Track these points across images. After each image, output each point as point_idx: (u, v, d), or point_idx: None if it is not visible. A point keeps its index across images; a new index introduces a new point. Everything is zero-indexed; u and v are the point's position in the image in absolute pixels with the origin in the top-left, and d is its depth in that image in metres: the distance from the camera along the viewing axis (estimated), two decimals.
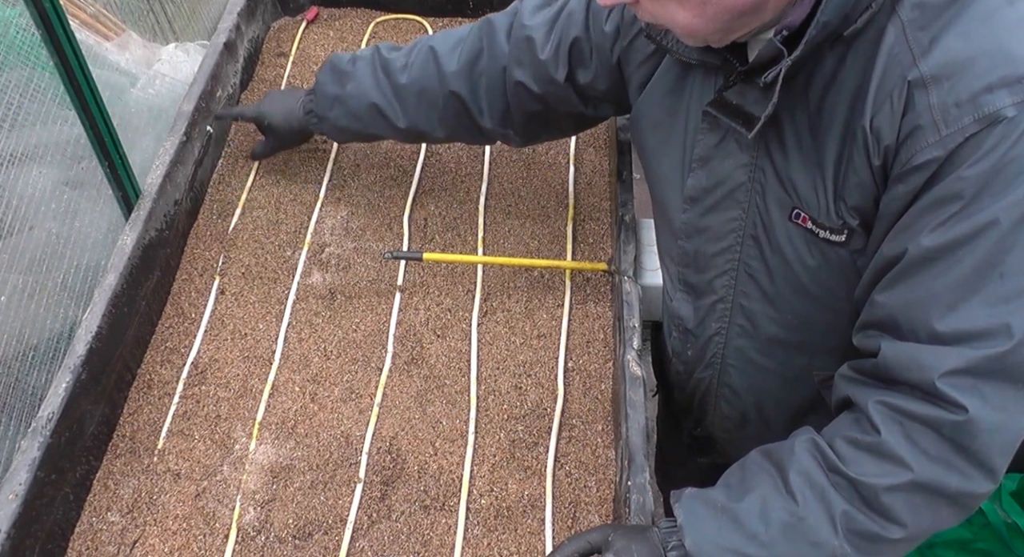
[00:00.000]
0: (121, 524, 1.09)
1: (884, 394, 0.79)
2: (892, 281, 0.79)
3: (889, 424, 0.78)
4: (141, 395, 1.22)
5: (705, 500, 0.86)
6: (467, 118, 1.23)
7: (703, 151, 0.93)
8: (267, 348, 1.26)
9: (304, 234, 1.40)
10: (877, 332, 0.82)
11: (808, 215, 0.86)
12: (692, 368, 1.12)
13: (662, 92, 0.99)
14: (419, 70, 1.22)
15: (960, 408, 0.74)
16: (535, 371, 1.23)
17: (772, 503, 0.81)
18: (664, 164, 1.01)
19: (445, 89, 1.21)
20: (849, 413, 0.84)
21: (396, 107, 1.25)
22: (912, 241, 0.76)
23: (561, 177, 1.48)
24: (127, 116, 1.41)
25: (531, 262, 1.32)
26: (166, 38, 1.70)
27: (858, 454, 0.79)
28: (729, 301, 1.00)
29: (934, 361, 0.75)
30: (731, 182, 0.92)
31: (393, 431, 1.17)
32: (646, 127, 1.03)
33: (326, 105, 1.31)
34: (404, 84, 1.24)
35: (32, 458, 1.01)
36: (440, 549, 1.06)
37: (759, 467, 0.86)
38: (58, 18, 1.09)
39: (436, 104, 1.23)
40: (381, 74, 1.26)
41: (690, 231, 1.00)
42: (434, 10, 1.78)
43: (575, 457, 1.14)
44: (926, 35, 0.74)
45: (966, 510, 0.80)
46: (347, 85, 1.28)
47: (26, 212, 1.15)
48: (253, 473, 1.13)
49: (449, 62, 1.20)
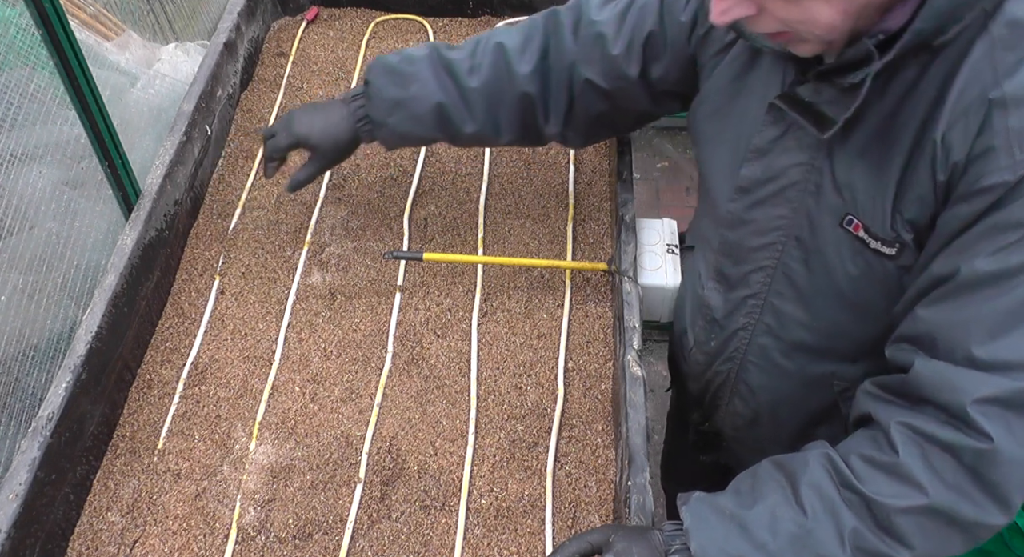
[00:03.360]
0: (121, 524, 1.09)
1: (908, 415, 0.78)
2: (938, 299, 0.78)
3: (909, 446, 0.77)
4: (141, 395, 1.22)
5: (713, 505, 0.85)
6: (532, 120, 1.18)
7: (762, 143, 0.92)
8: (267, 348, 1.26)
9: (304, 234, 1.40)
10: (912, 347, 0.81)
11: (862, 223, 0.85)
12: (712, 359, 1.11)
13: (727, 79, 0.98)
14: (490, 71, 1.15)
15: (985, 436, 0.73)
16: (535, 371, 1.23)
17: (782, 514, 0.80)
18: (719, 151, 1.00)
19: (516, 91, 1.15)
20: (867, 430, 0.83)
21: (464, 111, 1.17)
22: (966, 263, 0.75)
23: (561, 177, 1.48)
24: (127, 116, 1.41)
25: (531, 262, 1.32)
26: (166, 38, 1.71)
27: (874, 473, 0.78)
28: (762, 298, 0.99)
29: (968, 385, 0.74)
30: (785, 179, 0.91)
31: (393, 431, 1.17)
32: (706, 112, 1.02)
33: (385, 110, 1.20)
34: (475, 88, 1.16)
35: (32, 458, 1.01)
36: (440, 549, 1.06)
37: (770, 476, 0.85)
38: (58, 18, 1.09)
39: (505, 107, 1.17)
40: (445, 76, 1.17)
41: (735, 222, 0.99)
42: (434, 10, 1.78)
43: (575, 457, 1.14)
44: (1014, 55, 0.73)
45: (976, 540, 0.79)
46: (410, 87, 1.17)
47: (26, 212, 1.15)
48: (253, 473, 1.13)
49: (521, 63, 1.14)
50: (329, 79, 1.66)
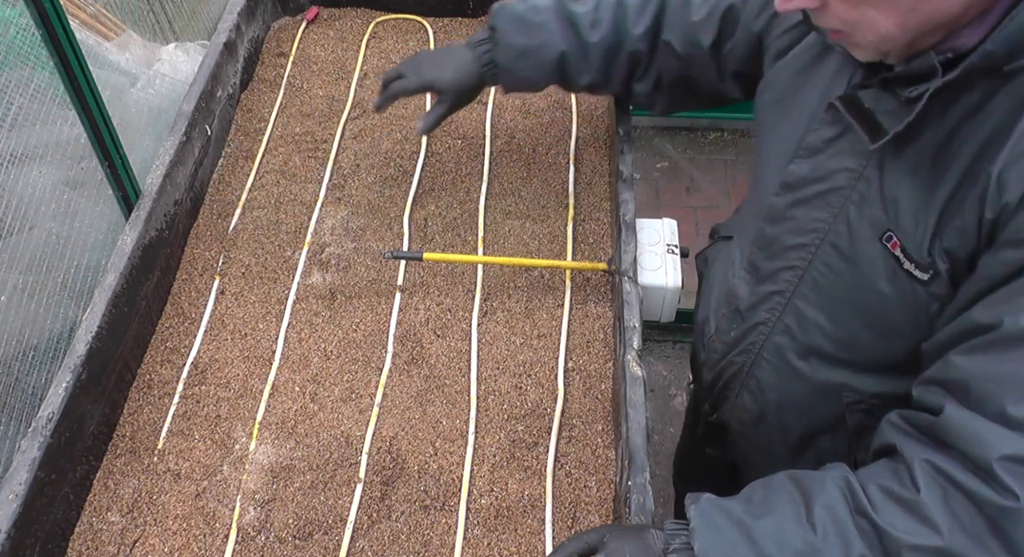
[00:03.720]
0: (121, 524, 1.09)
1: (935, 455, 0.76)
2: (977, 348, 0.76)
3: (932, 485, 0.74)
4: (141, 395, 1.22)
5: (723, 509, 0.83)
6: (631, 76, 1.26)
7: (815, 142, 0.91)
8: (267, 348, 1.26)
9: (304, 234, 1.40)
10: (943, 392, 0.78)
11: (900, 242, 0.83)
12: (729, 349, 1.11)
13: (794, 70, 0.97)
14: (609, 28, 1.22)
15: (1012, 494, 0.70)
16: (535, 371, 1.23)
17: (791, 529, 0.78)
18: (774, 142, 1.00)
19: (628, 49, 1.22)
20: (890, 462, 0.81)
21: (583, 63, 1.25)
22: (1011, 316, 0.72)
23: (561, 177, 1.48)
24: (127, 116, 1.41)
25: (531, 262, 1.32)
26: (166, 38, 1.71)
27: (891, 505, 0.76)
28: (786, 296, 0.99)
29: (996, 440, 0.71)
30: (831, 182, 0.90)
31: (393, 431, 1.17)
32: (769, 100, 1.02)
33: (511, 57, 1.26)
34: (594, 42, 1.23)
35: (32, 458, 1.01)
36: (440, 549, 1.06)
37: (784, 490, 0.83)
38: (58, 18, 1.09)
39: (618, 63, 1.24)
40: (569, 28, 1.24)
41: (775, 216, 0.98)
42: (434, 10, 1.78)
43: (575, 457, 1.14)
44: None
45: None
46: (538, 37, 1.24)
47: (26, 212, 1.15)
48: (253, 473, 1.13)
49: (637, 24, 1.20)
50: (329, 79, 1.66)
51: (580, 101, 1.60)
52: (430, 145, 1.54)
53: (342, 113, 1.59)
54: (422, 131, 1.33)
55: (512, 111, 1.59)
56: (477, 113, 1.59)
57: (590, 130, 1.56)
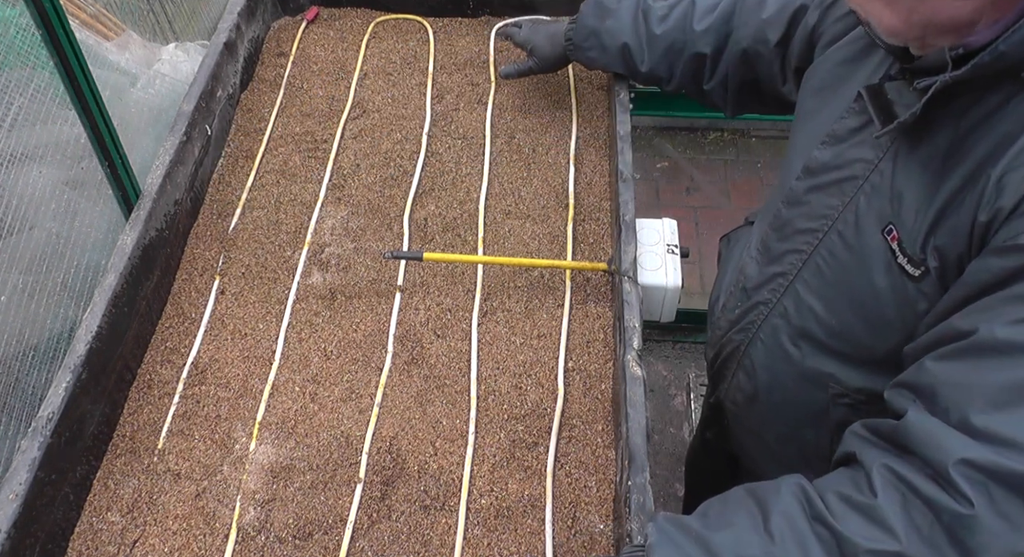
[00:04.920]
0: (121, 524, 1.09)
1: (894, 460, 0.75)
2: (949, 355, 0.76)
3: (889, 490, 0.74)
4: (141, 395, 1.22)
5: (680, 525, 0.82)
6: (699, 75, 1.30)
7: (840, 130, 0.93)
8: (267, 348, 1.26)
9: (304, 234, 1.40)
10: (912, 395, 0.78)
11: (899, 235, 0.84)
12: (731, 327, 1.13)
13: (840, 60, 0.99)
14: (674, 23, 1.29)
15: (967, 500, 0.69)
16: (535, 371, 1.23)
17: (749, 539, 0.78)
18: (808, 128, 1.01)
19: (693, 47, 1.27)
20: (847, 470, 0.81)
21: (644, 52, 1.33)
22: (986, 324, 0.72)
23: (561, 177, 1.48)
24: (127, 116, 1.41)
25: (531, 262, 1.32)
26: (166, 38, 1.71)
27: (849, 512, 0.75)
28: (788, 279, 1.00)
29: (954, 446, 0.70)
30: (848, 170, 0.91)
31: (393, 431, 1.17)
32: (812, 87, 1.03)
33: (583, 36, 1.38)
34: (658, 35, 1.30)
35: (32, 458, 1.01)
36: (440, 549, 1.06)
37: (741, 503, 0.82)
38: (58, 18, 1.09)
39: (682, 59, 1.30)
40: (640, 18, 1.32)
41: (793, 200, 1.00)
42: (434, 10, 1.78)
43: (575, 457, 1.14)
44: None
45: None
46: (606, 20, 1.35)
47: (26, 212, 1.15)
48: (253, 473, 1.13)
49: (702, 20, 1.25)
50: (329, 79, 1.66)
51: (580, 101, 1.60)
52: (430, 145, 1.54)
53: (342, 113, 1.59)
54: (503, 74, 1.53)
55: (512, 111, 1.59)
56: (477, 113, 1.59)
57: (590, 130, 1.56)
